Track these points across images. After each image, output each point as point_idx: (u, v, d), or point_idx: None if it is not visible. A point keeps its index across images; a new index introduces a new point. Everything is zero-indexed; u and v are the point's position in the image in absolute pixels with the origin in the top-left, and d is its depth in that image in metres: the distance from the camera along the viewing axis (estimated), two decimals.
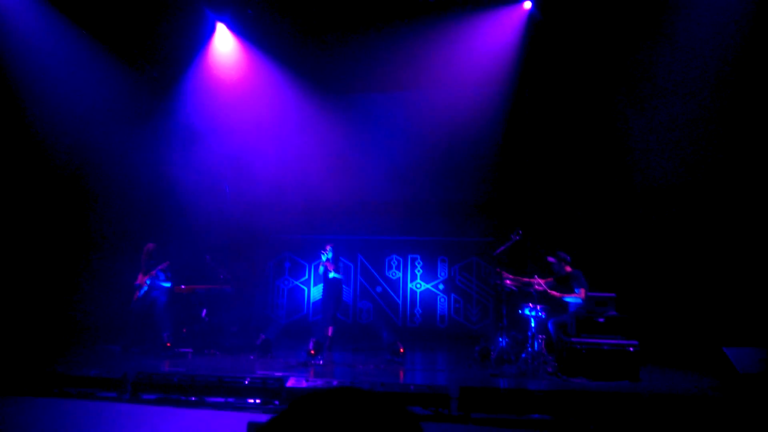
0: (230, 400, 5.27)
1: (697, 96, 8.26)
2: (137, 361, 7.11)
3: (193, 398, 5.32)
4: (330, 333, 8.28)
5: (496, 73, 9.53)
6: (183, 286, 8.36)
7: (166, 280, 8.16)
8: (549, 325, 7.16)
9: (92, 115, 9.22)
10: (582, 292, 7.11)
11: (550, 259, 7.54)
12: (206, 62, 10.17)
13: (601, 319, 6.72)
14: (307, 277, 11.36)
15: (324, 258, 8.51)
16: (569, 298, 7.18)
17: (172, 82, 10.27)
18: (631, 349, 6.51)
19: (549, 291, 7.25)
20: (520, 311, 7.24)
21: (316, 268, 9.10)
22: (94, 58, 9.22)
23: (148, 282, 8.07)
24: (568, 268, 7.42)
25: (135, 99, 10.05)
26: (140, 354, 7.79)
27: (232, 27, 9.89)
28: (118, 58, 9.62)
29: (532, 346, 6.94)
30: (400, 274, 11.07)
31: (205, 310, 8.31)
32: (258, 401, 5.24)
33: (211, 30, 9.92)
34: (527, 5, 8.98)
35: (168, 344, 7.81)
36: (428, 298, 10.90)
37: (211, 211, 10.46)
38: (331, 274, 8.44)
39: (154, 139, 10.14)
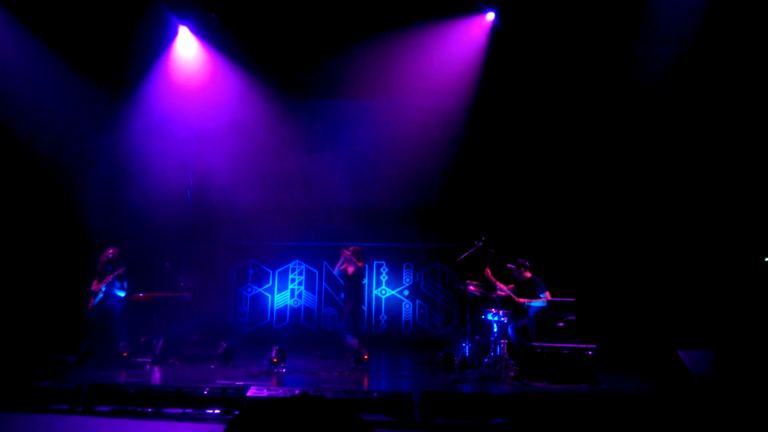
0: (189, 411, 5.13)
1: (657, 102, 8.54)
2: (92, 372, 6.86)
3: (150, 409, 5.16)
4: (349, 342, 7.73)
5: (459, 81, 9.68)
6: (141, 294, 8.13)
7: (121, 289, 7.86)
8: (509, 330, 7.26)
9: (48, 120, 8.93)
10: (547, 294, 7.25)
11: (510, 265, 7.65)
12: (168, 66, 9.98)
13: (561, 324, 6.84)
14: (270, 284, 11.22)
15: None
16: (535, 303, 7.30)
17: (134, 86, 10.02)
18: (590, 352, 6.65)
19: (515, 298, 7.38)
20: (483, 316, 7.33)
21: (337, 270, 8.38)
22: (48, 59, 8.93)
23: (103, 289, 7.77)
24: (528, 274, 7.56)
25: (94, 103, 9.78)
26: (96, 364, 7.51)
27: (195, 30, 9.75)
28: (76, 62, 9.35)
29: (495, 350, 7.03)
30: (366, 281, 11.04)
31: (164, 319, 8.09)
32: (217, 412, 5.12)
33: (174, 33, 9.75)
34: (490, 16, 9.16)
35: (125, 354, 7.57)
36: (393, 304, 10.92)
37: (171, 217, 10.23)
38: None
39: (114, 144, 9.86)
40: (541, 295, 7.27)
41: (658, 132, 8.70)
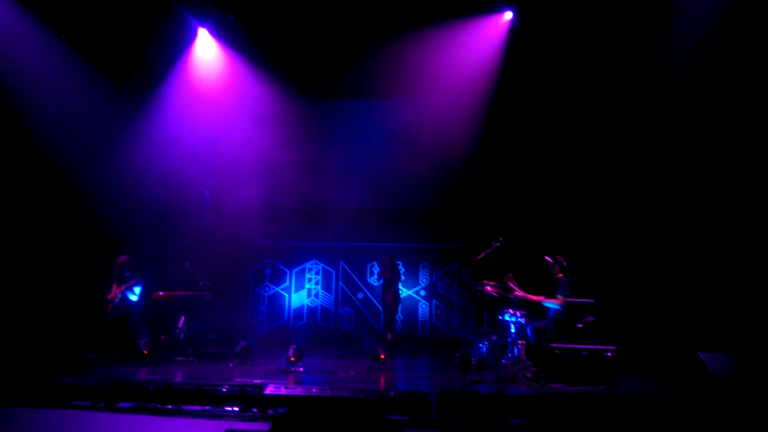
0: (208, 408, 5.19)
1: (681, 100, 8.42)
2: (114, 369, 6.98)
3: (170, 406, 5.22)
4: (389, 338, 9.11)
5: (476, 81, 9.64)
6: (161, 293, 8.25)
7: (134, 294, 8.06)
8: (528, 331, 7.20)
9: (70, 120, 9.09)
10: (561, 298, 7.14)
11: (548, 258, 7.48)
12: (187, 67, 10.11)
13: (580, 325, 6.77)
14: (288, 283, 11.30)
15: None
16: (548, 303, 7.23)
17: (153, 87, 10.18)
18: (609, 354, 6.57)
19: (528, 296, 7.28)
20: (500, 317, 7.28)
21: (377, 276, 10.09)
22: (71, 60, 9.10)
23: (119, 296, 8.01)
24: (560, 274, 7.41)
25: (115, 104, 9.93)
26: (117, 362, 7.65)
27: (214, 32, 9.85)
28: (97, 63, 9.52)
29: (512, 351, 6.96)
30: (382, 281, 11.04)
31: (183, 318, 8.20)
32: (236, 409, 5.17)
33: (193, 35, 9.87)
34: (508, 15, 9.11)
35: (145, 352, 7.68)
36: (410, 304, 10.91)
37: (190, 217, 10.36)
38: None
39: (134, 145, 10.01)
40: (558, 296, 7.18)
41: (678, 132, 8.57)
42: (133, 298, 8.06)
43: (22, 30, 8.51)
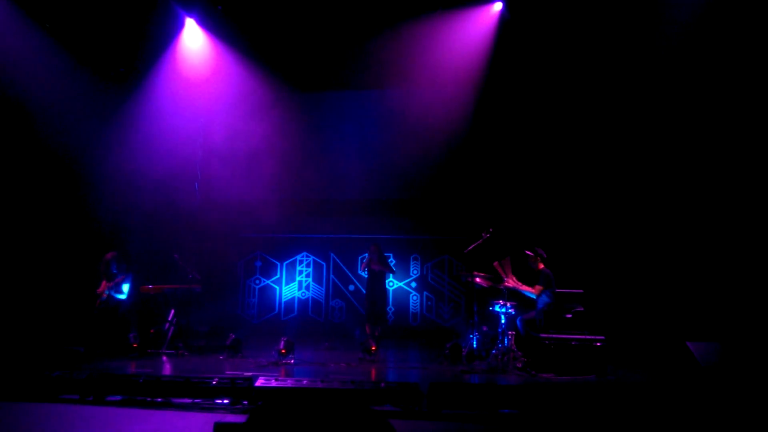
0: (197, 400, 5.18)
1: (668, 91, 8.45)
2: (103, 363, 6.93)
3: (159, 399, 5.21)
4: (372, 331, 8.56)
5: (466, 72, 9.61)
6: (150, 286, 8.19)
7: (121, 292, 8.02)
8: (517, 321, 7.24)
9: (55, 113, 8.97)
10: (538, 288, 7.19)
11: (528, 252, 7.55)
12: (175, 58, 9.99)
13: (569, 315, 6.82)
14: (278, 276, 11.27)
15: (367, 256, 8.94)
16: (525, 292, 7.27)
17: (140, 79, 10.05)
18: (598, 344, 6.62)
19: (517, 284, 7.30)
20: (490, 308, 7.31)
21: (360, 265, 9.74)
22: (55, 51, 8.96)
23: (106, 292, 7.96)
24: (541, 266, 7.47)
25: (101, 95, 9.80)
26: (106, 355, 7.60)
27: (201, 23, 9.74)
28: (82, 54, 9.37)
29: (502, 342, 7.00)
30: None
31: (173, 311, 8.15)
32: (226, 401, 5.16)
33: (180, 26, 9.75)
34: (497, 6, 9.09)
35: (134, 345, 7.65)
36: (401, 296, 10.93)
37: (180, 209, 10.29)
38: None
39: (121, 137, 9.90)
40: (536, 285, 7.23)
41: (665, 123, 8.61)
42: (121, 296, 7.99)
43: (3, 21, 8.35)
